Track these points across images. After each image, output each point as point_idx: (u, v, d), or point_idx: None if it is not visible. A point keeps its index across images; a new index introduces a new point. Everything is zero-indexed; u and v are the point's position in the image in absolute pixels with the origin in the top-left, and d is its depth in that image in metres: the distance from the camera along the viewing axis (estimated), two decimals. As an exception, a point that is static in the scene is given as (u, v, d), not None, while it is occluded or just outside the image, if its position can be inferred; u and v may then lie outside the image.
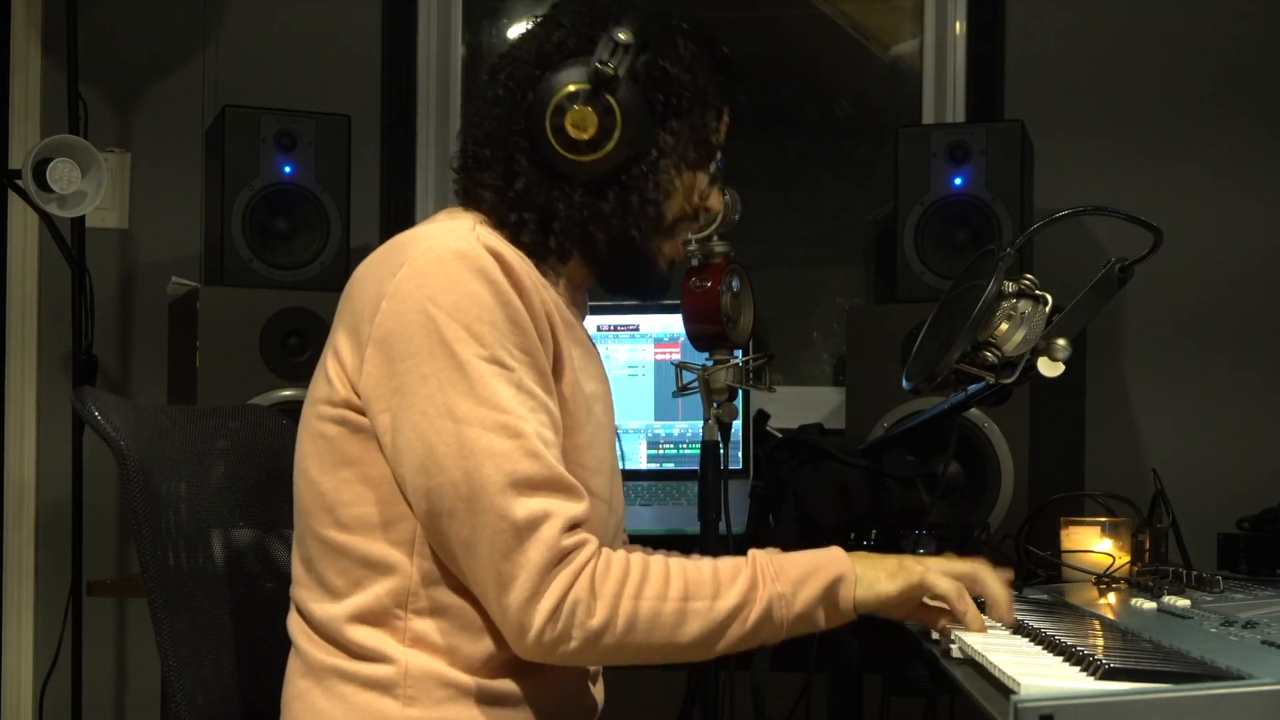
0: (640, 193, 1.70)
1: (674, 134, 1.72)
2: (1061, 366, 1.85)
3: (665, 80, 1.70)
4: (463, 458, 1.52)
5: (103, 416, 1.66)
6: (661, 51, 1.71)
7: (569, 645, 1.52)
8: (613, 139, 1.66)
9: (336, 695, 1.60)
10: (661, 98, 1.70)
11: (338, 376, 1.62)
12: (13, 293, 3.51)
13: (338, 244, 3.04)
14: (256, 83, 3.47)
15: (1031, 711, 1.12)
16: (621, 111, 1.66)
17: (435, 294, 1.56)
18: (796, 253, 3.66)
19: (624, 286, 1.80)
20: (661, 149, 1.71)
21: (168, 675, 1.65)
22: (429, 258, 1.58)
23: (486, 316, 1.56)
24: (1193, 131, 3.25)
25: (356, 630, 1.60)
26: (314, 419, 1.65)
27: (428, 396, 1.54)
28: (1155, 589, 1.89)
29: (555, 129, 1.66)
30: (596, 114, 1.65)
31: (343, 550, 1.61)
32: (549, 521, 1.52)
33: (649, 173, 1.70)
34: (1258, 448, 3.17)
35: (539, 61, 1.70)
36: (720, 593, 1.58)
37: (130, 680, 3.51)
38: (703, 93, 1.73)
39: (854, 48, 3.66)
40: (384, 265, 1.62)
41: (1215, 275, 3.22)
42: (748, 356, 2.16)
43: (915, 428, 2.54)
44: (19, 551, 3.49)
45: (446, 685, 1.59)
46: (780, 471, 2.64)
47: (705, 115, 1.74)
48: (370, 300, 1.60)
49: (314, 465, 1.64)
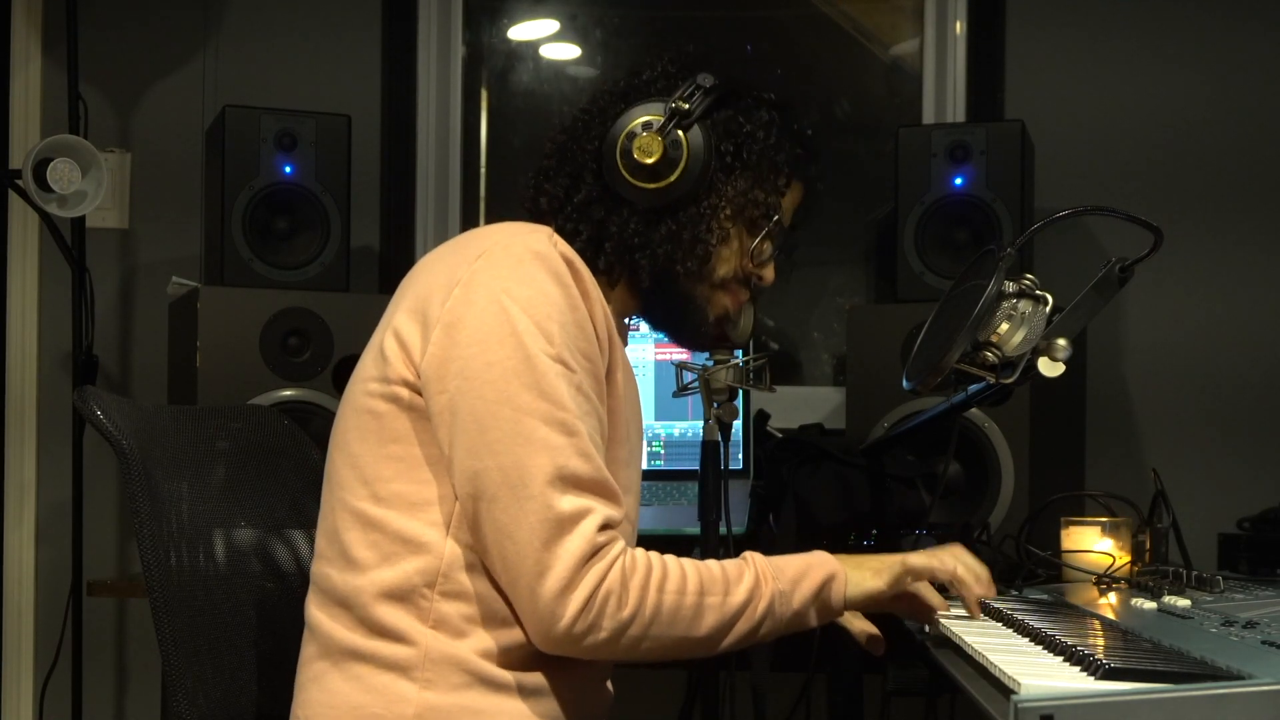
0: (692, 231, 1.74)
1: (737, 187, 1.76)
2: (1061, 366, 1.85)
3: (737, 133, 1.76)
4: (516, 445, 1.55)
5: (105, 416, 1.67)
6: (740, 107, 1.77)
7: (598, 636, 1.56)
8: (675, 171, 1.72)
9: (353, 676, 1.61)
10: (731, 148, 1.76)
11: (396, 355, 1.63)
12: (13, 293, 3.51)
13: (338, 244, 3.04)
14: (256, 83, 3.47)
15: (1031, 711, 1.12)
16: (688, 147, 1.72)
17: (511, 286, 1.59)
18: (796, 253, 3.65)
19: (666, 325, 1.85)
20: (722, 197, 1.76)
21: (168, 675, 1.65)
22: (508, 252, 1.62)
23: (557, 316, 1.59)
24: (1193, 131, 3.25)
25: (380, 606, 1.61)
26: (362, 395, 1.66)
27: (490, 382, 1.57)
28: (1155, 589, 1.89)
29: (623, 152, 1.72)
30: (664, 144, 1.71)
31: (376, 524, 1.62)
32: (590, 517, 1.56)
33: (705, 215, 1.75)
34: (1258, 447, 3.17)
35: (624, 94, 1.78)
36: (730, 589, 1.63)
37: (130, 680, 3.51)
38: (772, 156, 1.78)
39: (854, 48, 3.66)
40: (458, 254, 1.65)
41: (1216, 276, 3.21)
42: (748, 356, 2.16)
43: (915, 428, 2.54)
44: (19, 552, 3.49)
45: (465, 671, 1.60)
46: (780, 471, 2.64)
47: (772, 178, 1.79)
48: (441, 285, 1.63)
49: (356, 439, 1.66)
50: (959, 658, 1.58)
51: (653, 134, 1.71)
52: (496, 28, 3.73)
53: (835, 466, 2.59)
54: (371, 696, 1.60)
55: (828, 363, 3.57)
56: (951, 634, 1.66)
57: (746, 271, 1.81)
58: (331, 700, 1.61)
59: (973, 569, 1.79)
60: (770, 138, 1.78)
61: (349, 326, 2.92)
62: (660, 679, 2.78)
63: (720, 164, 1.75)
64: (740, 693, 2.27)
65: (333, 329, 2.94)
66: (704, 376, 2.10)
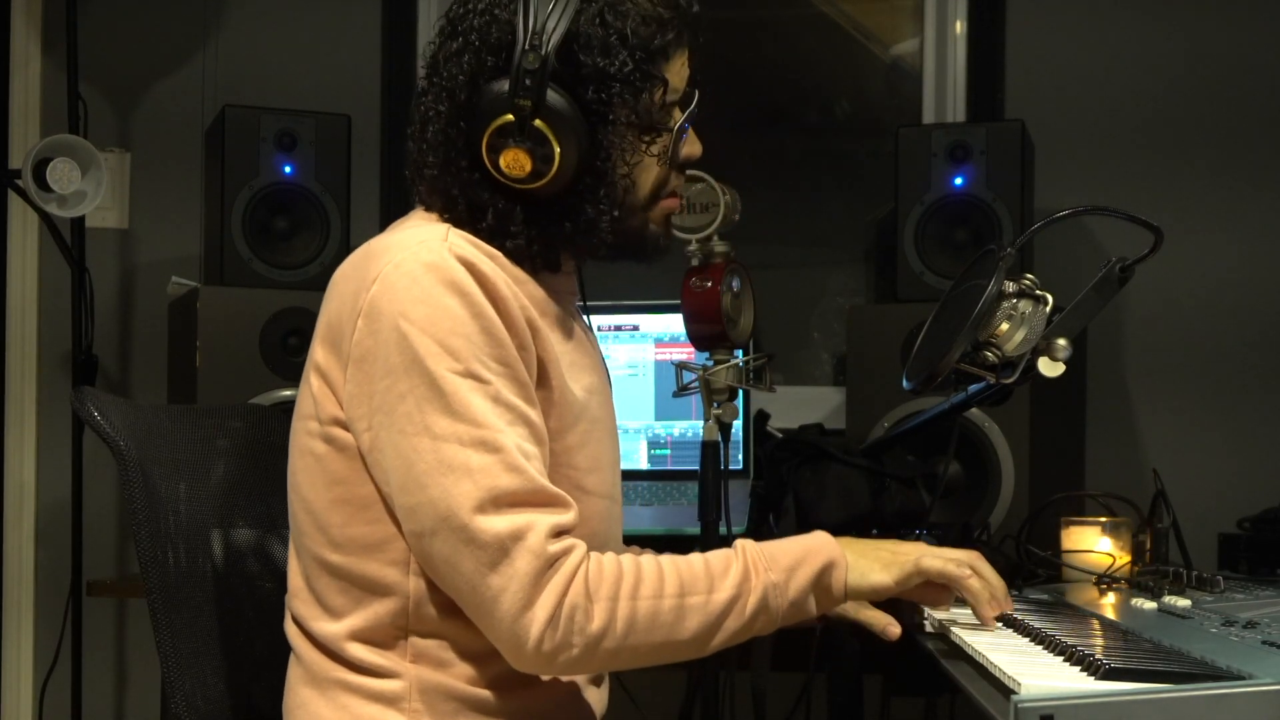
0: (603, 184, 1.63)
1: (618, 124, 1.63)
2: (1062, 366, 1.85)
3: (592, 77, 1.59)
4: (441, 475, 1.50)
5: (102, 416, 1.66)
6: (580, 46, 1.59)
7: (571, 653, 1.51)
8: (554, 160, 1.58)
9: (340, 705, 1.60)
10: (593, 91, 1.60)
11: (322, 393, 1.60)
12: (13, 293, 3.51)
13: (338, 244, 3.04)
14: (256, 83, 3.47)
15: (1031, 711, 1.12)
16: (554, 134, 1.58)
17: (407, 309, 1.53)
18: (796, 253, 3.66)
19: (620, 259, 1.75)
20: (609, 146, 1.63)
21: (167, 675, 1.65)
22: (400, 272, 1.55)
23: (460, 330, 1.53)
24: (1194, 131, 3.25)
25: (358, 649, 1.60)
26: (303, 434, 1.63)
27: (405, 414, 1.52)
28: (1156, 589, 1.89)
29: (496, 167, 1.60)
30: (526, 150, 1.58)
31: (339, 571, 1.60)
32: (532, 531, 1.50)
33: (606, 163, 1.63)
34: (1258, 448, 3.17)
35: (460, 89, 1.61)
36: (715, 586, 1.56)
37: (130, 680, 3.51)
38: (636, 71, 1.61)
39: (854, 48, 3.66)
40: (359, 278, 1.59)
41: (1215, 275, 3.22)
42: (748, 356, 2.16)
43: (915, 428, 2.54)
44: (19, 552, 3.49)
45: (453, 698, 1.58)
46: (780, 471, 2.64)
47: (648, 81, 1.63)
48: (347, 317, 1.58)
49: (304, 481, 1.63)
50: (959, 658, 1.58)
51: (512, 148, 1.57)
52: (496, 28, 3.73)
53: (835, 466, 2.59)
54: None
55: (828, 363, 3.57)
56: (951, 634, 1.65)
57: (670, 171, 1.71)
58: None
59: (989, 583, 1.67)
60: (624, 48, 1.60)
61: (349, 326, 2.92)
62: (660, 679, 2.78)
63: (594, 118, 1.60)
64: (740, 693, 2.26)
65: (332, 329, 2.94)
66: (704, 376, 2.10)
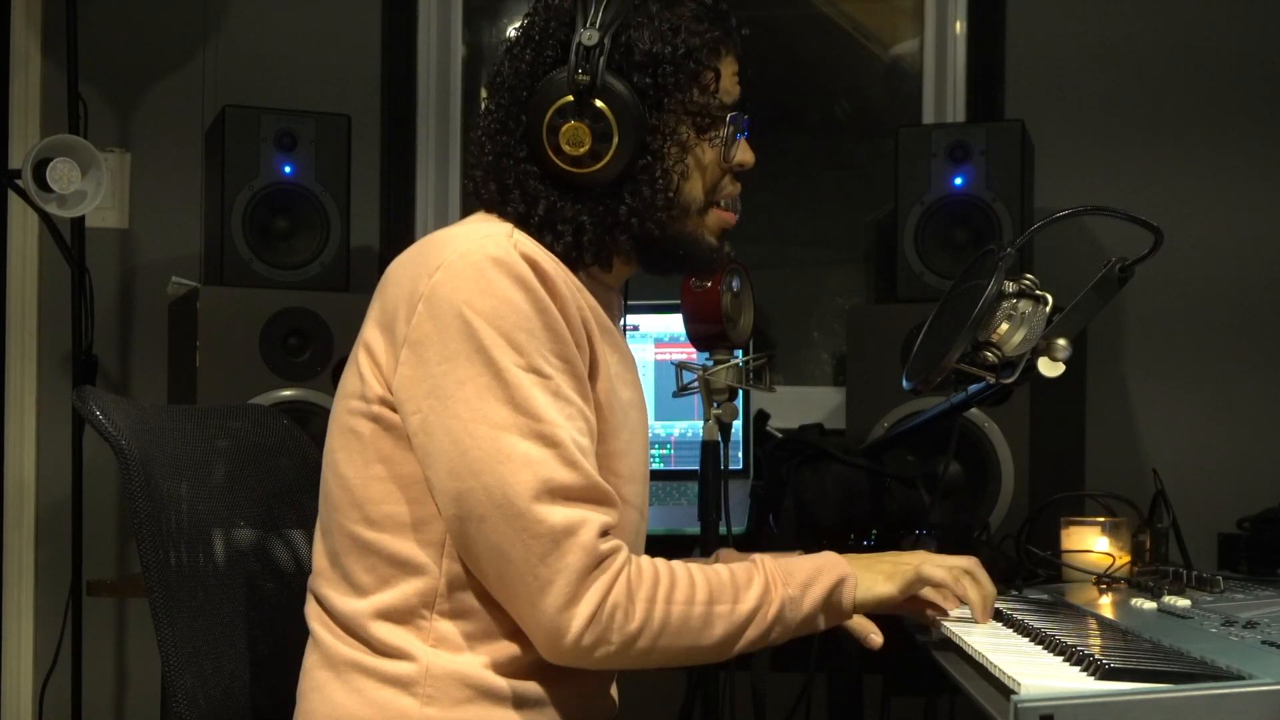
0: (656, 180, 1.66)
1: (673, 112, 1.67)
2: (1061, 366, 1.85)
3: (646, 62, 1.65)
4: (498, 463, 1.52)
5: (104, 416, 1.67)
6: (635, 32, 1.65)
7: (608, 649, 1.53)
8: (612, 142, 1.63)
9: (354, 689, 1.61)
10: (649, 81, 1.65)
11: (372, 373, 1.61)
12: (13, 293, 3.51)
13: (338, 244, 3.04)
14: (256, 83, 3.47)
15: (1031, 711, 1.12)
16: (611, 110, 1.62)
17: (472, 299, 1.55)
18: (796, 253, 3.66)
19: (675, 270, 1.78)
20: (665, 132, 1.67)
21: (168, 675, 1.65)
22: (466, 262, 1.57)
23: (524, 324, 1.55)
24: (1193, 131, 3.25)
25: (381, 627, 1.61)
26: (345, 414, 1.64)
27: (463, 401, 1.54)
28: (1155, 589, 1.89)
29: (555, 149, 1.63)
30: (587, 125, 1.62)
31: (372, 547, 1.61)
32: (585, 527, 1.52)
33: (659, 157, 1.66)
34: (1258, 448, 3.17)
35: (521, 83, 1.67)
36: (739, 596, 1.60)
37: (130, 680, 3.51)
38: (689, 58, 1.66)
39: (854, 48, 3.66)
40: (419, 265, 1.60)
41: (1216, 275, 3.22)
42: (748, 356, 2.16)
43: (915, 428, 2.54)
44: (19, 551, 3.49)
45: (467, 686, 1.59)
46: (780, 471, 2.64)
47: (700, 80, 1.67)
48: (405, 300, 1.59)
49: (343, 460, 1.64)
50: (959, 658, 1.58)
51: (571, 123, 1.62)
52: (496, 28, 3.73)
53: (835, 466, 2.59)
54: (373, 710, 1.59)
55: (828, 363, 3.57)
56: (951, 634, 1.66)
57: (724, 173, 1.73)
58: (333, 712, 1.61)
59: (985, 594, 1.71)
60: (678, 38, 1.65)
61: (349, 326, 2.91)
62: (660, 679, 2.77)
63: (649, 101, 1.65)
64: (740, 693, 2.27)
65: (333, 329, 2.94)
66: (704, 376, 2.10)
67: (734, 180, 1.75)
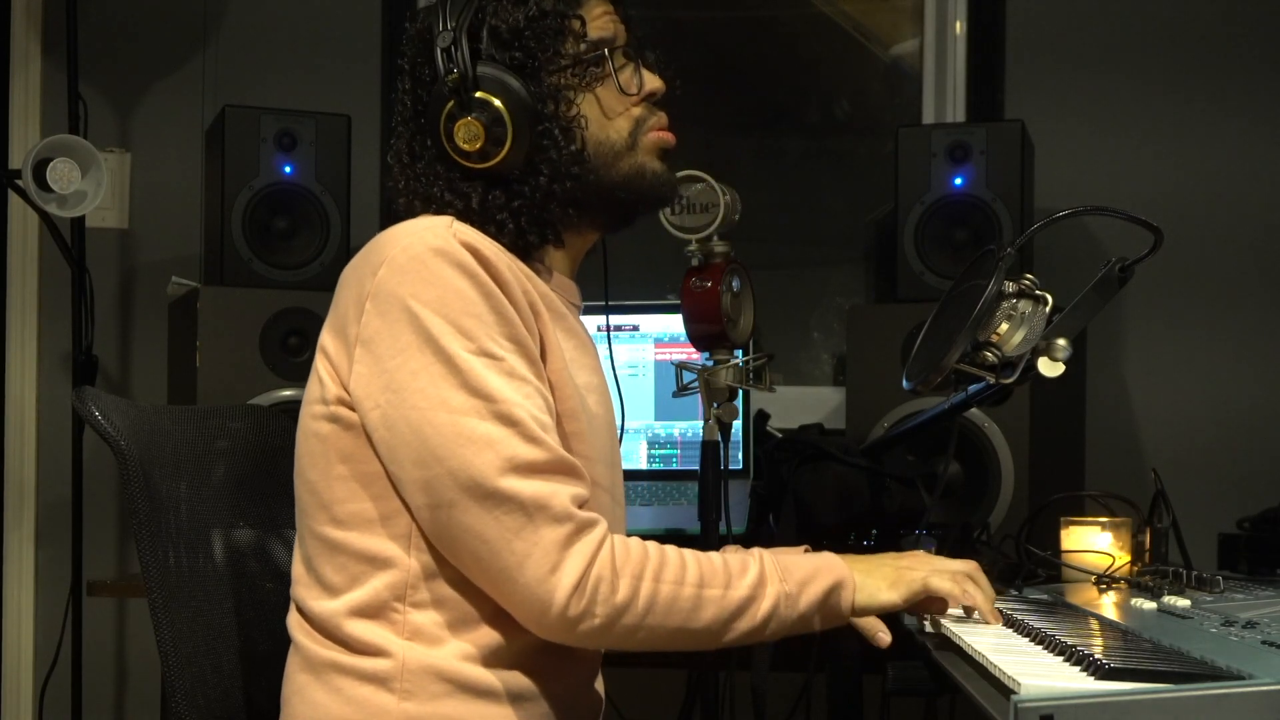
0: (557, 146, 1.69)
1: (551, 72, 1.70)
2: (1061, 366, 1.85)
3: (509, 38, 1.68)
4: (460, 446, 1.53)
5: (103, 416, 1.67)
6: (490, 17, 1.68)
7: (593, 621, 1.53)
8: (507, 125, 1.66)
9: (334, 688, 1.61)
10: (518, 54, 1.68)
11: (329, 376, 1.63)
12: (13, 293, 3.51)
13: (338, 244, 3.04)
14: (256, 83, 3.47)
15: (1031, 711, 1.12)
16: (492, 96, 1.66)
17: (417, 290, 1.57)
18: (796, 253, 3.66)
19: (633, 214, 1.79)
20: (550, 94, 1.69)
21: (168, 675, 1.65)
22: (408, 255, 1.59)
23: (470, 309, 1.56)
24: (1194, 131, 3.25)
25: (355, 624, 1.61)
26: (309, 419, 1.66)
27: (419, 391, 1.55)
28: (1155, 589, 1.89)
29: (460, 153, 1.68)
30: (475, 118, 1.66)
31: (340, 546, 1.62)
32: (555, 497, 1.53)
33: (554, 124, 1.69)
34: (1258, 447, 3.17)
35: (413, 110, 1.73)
36: (731, 583, 1.60)
37: (130, 680, 3.51)
38: (544, 17, 1.69)
39: (854, 48, 3.66)
40: (365, 265, 1.63)
41: (1215, 275, 3.22)
42: (748, 356, 2.16)
43: (915, 428, 2.54)
44: (19, 551, 3.49)
45: (444, 680, 1.59)
46: (780, 471, 2.64)
47: (567, 31, 1.70)
48: (354, 301, 1.61)
49: (309, 464, 1.65)
50: (959, 658, 1.58)
51: (460, 121, 1.66)
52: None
53: (835, 466, 2.59)
54: (352, 709, 1.59)
55: (828, 363, 3.57)
56: (951, 634, 1.65)
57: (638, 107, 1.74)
58: (314, 713, 1.61)
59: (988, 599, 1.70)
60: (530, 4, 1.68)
61: (349, 326, 2.92)
62: (660, 679, 2.78)
63: (526, 73, 1.68)
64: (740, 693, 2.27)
65: (332, 329, 2.94)
66: (704, 376, 2.10)
67: (654, 110, 1.76)
